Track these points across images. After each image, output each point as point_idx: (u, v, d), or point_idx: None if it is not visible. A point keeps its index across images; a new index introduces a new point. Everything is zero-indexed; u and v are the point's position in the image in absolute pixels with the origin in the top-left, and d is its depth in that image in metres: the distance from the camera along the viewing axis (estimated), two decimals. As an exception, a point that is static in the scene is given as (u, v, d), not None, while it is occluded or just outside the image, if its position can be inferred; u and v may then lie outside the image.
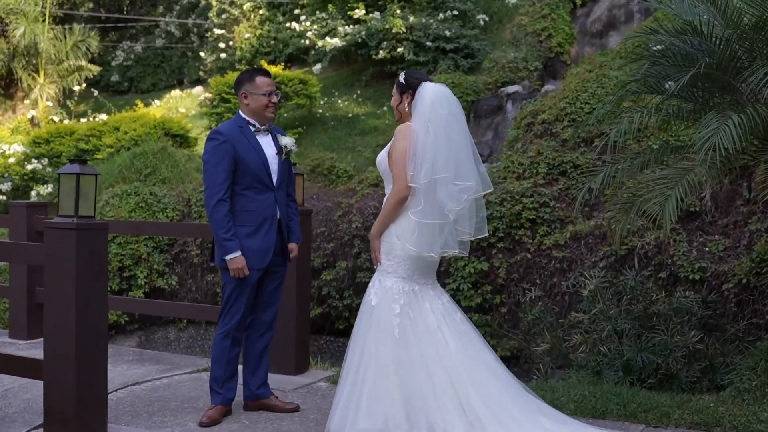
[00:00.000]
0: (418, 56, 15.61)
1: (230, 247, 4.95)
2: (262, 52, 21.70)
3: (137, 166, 12.04)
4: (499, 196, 9.24)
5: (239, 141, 5.03)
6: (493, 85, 14.57)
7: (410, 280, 4.77)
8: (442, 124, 4.72)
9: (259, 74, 5.16)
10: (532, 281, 8.95)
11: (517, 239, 9.08)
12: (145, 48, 28.23)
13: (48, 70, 25.55)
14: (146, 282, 10.71)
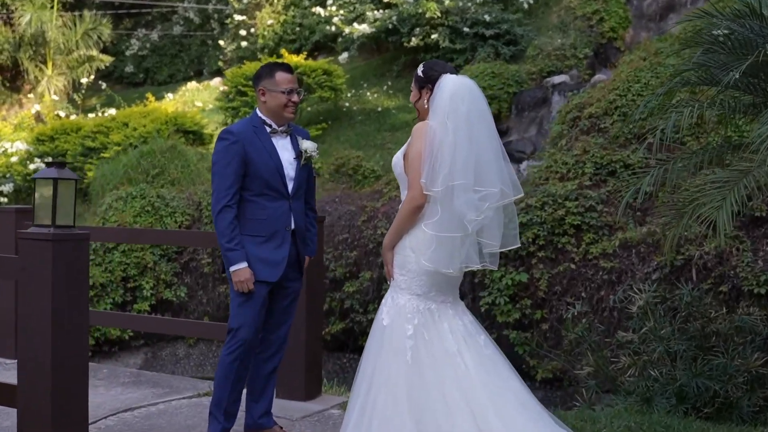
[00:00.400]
0: (454, 43, 15.44)
1: (234, 258, 4.83)
2: (287, 39, 21.67)
3: (144, 166, 12.05)
4: (539, 199, 9.08)
5: (251, 142, 4.88)
6: (537, 74, 14.36)
7: (426, 298, 4.61)
8: (462, 121, 4.54)
9: (280, 69, 4.99)
10: (577, 295, 8.78)
11: (560, 248, 8.92)
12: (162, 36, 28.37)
13: (56, 60, 25.78)
14: (152, 294, 10.70)
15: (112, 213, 10.92)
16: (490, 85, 13.75)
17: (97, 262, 10.46)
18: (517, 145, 13.19)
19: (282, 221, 4.93)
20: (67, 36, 25.47)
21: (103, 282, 10.40)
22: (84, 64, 26.05)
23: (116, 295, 10.51)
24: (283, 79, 4.93)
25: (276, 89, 4.91)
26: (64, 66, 25.81)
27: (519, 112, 13.87)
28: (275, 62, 5.06)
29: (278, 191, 4.91)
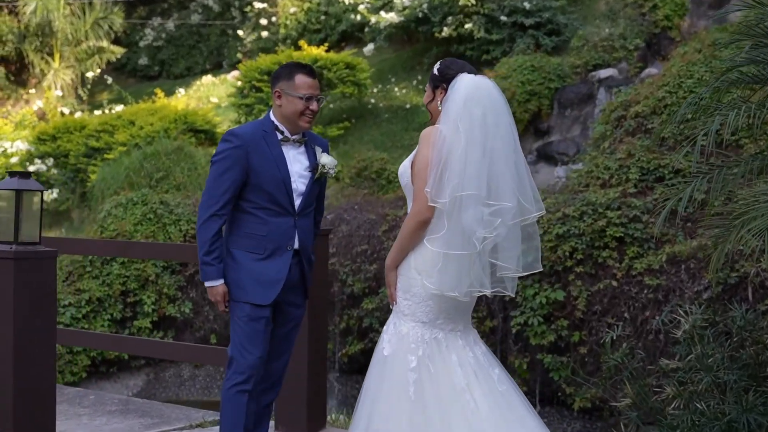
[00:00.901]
0: (490, 33, 15.28)
1: (210, 273, 4.73)
2: (311, 29, 21.62)
3: (147, 169, 12.03)
4: (578, 208, 8.90)
5: (258, 149, 4.72)
6: (582, 68, 14.18)
7: (432, 326, 4.48)
8: (476, 126, 4.40)
9: (301, 72, 4.81)
10: (619, 315, 8.59)
11: (600, 262, 8.74)
12: (179, 26, 28.47)
13: (64, 52, 25.95)
14: (154, 309, 10.66)
15: (111, 221, 10.89)
16: (529, 80, 13.59)
17: (93, 274, 10.44)
18: (559, 146, 13.02)
19: (284, 239, 4.80)
20: (75, 26, 25.63)
21: (101, 296, 10.37)
22: (93, 56, 26.20)
23: (115, 310, 10.47)
24: (303, 84, 4.76)
25: (294, 94, 4.74)
26: (72, 58, 25.97)
27: (561, 110, 13.70)
28: (297, 63, 4.89)
29: (282, 206, 4.76)
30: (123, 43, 28.30)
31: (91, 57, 26.18)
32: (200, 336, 10.97)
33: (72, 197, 15.94)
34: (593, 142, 10.35)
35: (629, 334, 8.38)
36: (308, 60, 14.34)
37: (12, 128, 19.58)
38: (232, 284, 4.75)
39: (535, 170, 13.07)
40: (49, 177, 16.68)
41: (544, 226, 8.95)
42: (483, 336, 9.28)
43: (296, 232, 4.81)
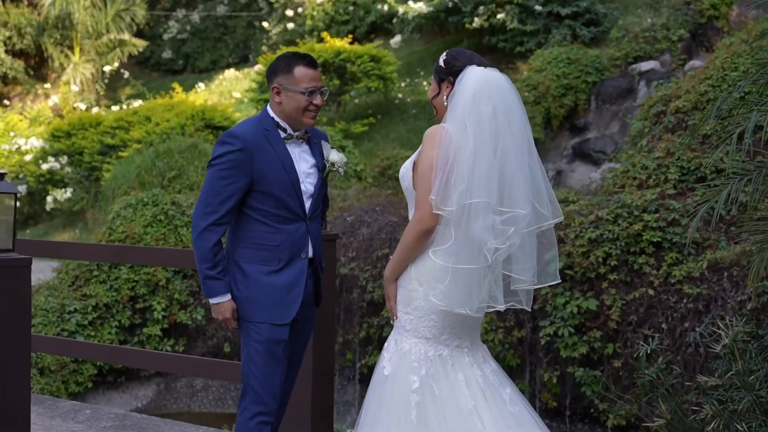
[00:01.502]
0: (524, 24, 15.08)
1: (216, 288, 4.46)
2: (339, 20, 21.49)
3: (160, 168, 11.89)
4: (612, 211, 8.66)
5: (262, 150, 4.47)
6: (622, 60, 13.92)
7: (437, 342, 4.27)
8: (486, 125, 4.17)
9: (301, 63, 4.55)
10: (656, 326, 8.34)
11: (636, 269, 8.50)
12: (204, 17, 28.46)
13: (84, 46, 26.02)
14: (164, 316, 10.53)
15: (120, 222, 10.76)
16: (565, 73, 13.35)
17: (101, 279, 10.32)
18: (596, 143, 12.77)
19: (298, 247, 4.55)
20: (96, 18, 25.68)
21: (108, 302, 10.25)
22: (114, 49, 26.25)
23: (123, 317, 10.34)
24: (304, 76, 4.51)
25: (294, 88, 4.49)
26: (92, 52, 26.04)
27: (599, 105, 13.45)
28: (294, 54, 4.62)
29: (293, 212, 4.52)
30: (146, 35, 28.36)
31: (112, 50, 26.24)
32: (213, 344, 10.84)
33: (86, 197, 15.90)
34: (630, 140, 10.10)
35: (667, 346, 8.13)
36: (331, 53, 14.19)
37: (27, 124, 19.62)
38: (244, 303, 4.48)
39: (571, 169, 12.84)
40: (63, 175, 16.66)
41: (576, 230, 8.72)
42: (510, 347, 9.08)
43: (309, 238, 4.58)
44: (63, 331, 9.84)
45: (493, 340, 9.10)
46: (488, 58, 16.47)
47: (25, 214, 17.71)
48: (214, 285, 4.44)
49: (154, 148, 12.43)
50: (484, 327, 9.11)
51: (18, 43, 26.23)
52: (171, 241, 10.74)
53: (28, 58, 28.24)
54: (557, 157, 13.26)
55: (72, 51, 26.09)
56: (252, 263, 4.48)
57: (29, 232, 17.06)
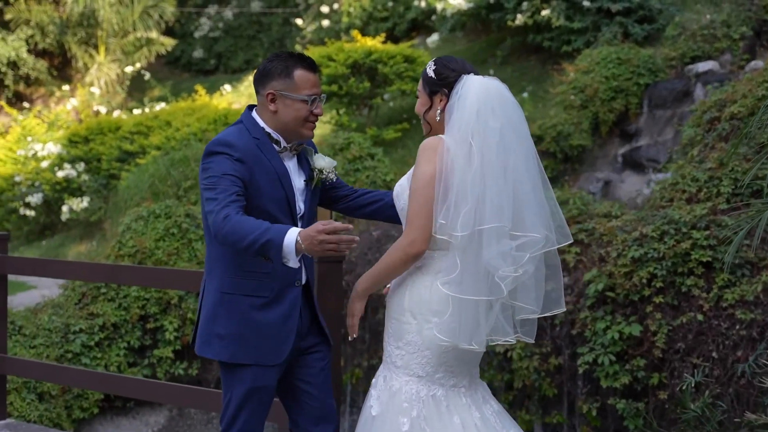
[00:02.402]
0: (571, 21, 14.86)
1: (275, 234, 3.89)
2: (377, 17, 21.38)
3: (175, 177, 11.79)
4: (658, 227, 8.43)
5: (258, 162, 4.22)
6: (678, 61, 13.63)
7: (430, 381, 4.12)
8: (493, 144, 4.03)
9: (300, 66, 4.30)
10: (706, 355, 8.09)
11: (684, 292, 8.27)
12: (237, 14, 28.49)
13: (109, 44, 26.12)
14: (177, 337, 10.43)
15: (130, 236, 10.68)
16: (614, 75, 13.11)
17: (109, 296, 10.24)
18: (648, 151, 12.50)
19: (291, 273, 4.28)
20: (122, 15, 25.78)
21: (116, 322, 10.16)
22: (141, 48, 26.33)
23: (132, 337, 10.25)
24: (305, 81, 4.28)
25: (294, 96, 4.25)
26: (118, 51, 26.14)
27: (652, 110, 13.19)
28: (291, 54, 4.37)
29: None
30: (176, 34, 28.45)
31: (139, 49, 26.33)
32: (229, 367, 10.70)
33: (104, 206, 15.89)
34: (681, 149, 9.84)
35: (717, 377, 7.88)
36: (361, 53, 14.05)
37: (45, 129, 19.69)
38: (229, 342, 4.22)
39: (620, 180, 12.58)
40: (81, 183, 16.67)
41: (618, 248, 8.49)
42: (546, 376, 8.87)
43: (302, 262, 4.26)
44: (67, 353, 9.77)
45: (527, 368, 8.91)
46: (533, 58, 16.33)
47: (41, 225, 17.76)
48: (272, 233, 3.89)
49: (170, 156, 12.35)
50: (517, 353, 8.92)
51: (41, 43, 26.40)
52: (184, 256, 10.65)
53: (52, 57, 28.45)
54: (605, 167, 13.00)
55: (97, 50, 26.21)
56: (238, 294, 4.24)
57: (45, 243, 17.11)
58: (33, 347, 9.54)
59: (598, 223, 9.07)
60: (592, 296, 8.48)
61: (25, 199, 17.46)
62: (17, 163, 18.29)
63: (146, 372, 10.27)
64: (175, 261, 10.55)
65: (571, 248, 8.93)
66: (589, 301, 8.51)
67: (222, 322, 4.22)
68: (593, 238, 8.96)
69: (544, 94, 14.75)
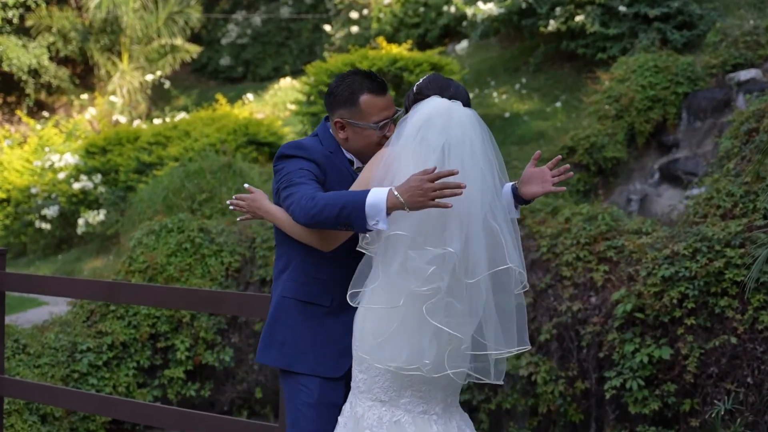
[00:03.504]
0: (607, 27, 14.79)
1: (357, 198, 3.93)
2: (408, 23, 21.40)
3: (189, 190, 11.79)
4: (690, 245, 8.29)
5: (333, 168, 4.31)
6: (719, 68, 13.50)
7: (394, 406, 4.09)
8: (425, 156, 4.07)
9: (366, 91, 4.28)
10: (741, 380, 7.95)
11: (718, 313, 8.13)
12: (266, 20, 28.59)
13: (133, 52, 26.30)
14: (189, 357, 10.39)
15: (141, 251, 10.66)
16: (651, 84, 12.98)
17: (118, 314, 10.22)
18: (686, 164, 12.37)
19: (347, 284, 4.27)
20: (146, 21, 25.97)
21: (126, 340, 10.13)
22: (166, 55, 26.49)
23: (142, 357, 10.22)
24: (372, 107, 4.28)
25: (363, 124, 4.27)
26: (141, 58, 26.32)
27: (691, 120, 13.07)
28: (355, 76, 4.34)
29: (354, 238, 4.29)
30: (202, 40, 28.60)
31: (164, 57, 26.48)
32: (243, 390, 10.69)
33: (121, 220, 15.93)
34: (717, 161, 9.70)
35: (752, 404, 7.73)
36: (386, 61, 14.02)
37: (63, 139, 19.82)
38: (287, 349, 4.28)
39: (657, 194, 12.46)
40: (97, 195, 16.74)
41: (648, 267, 8.37)
42: (573, 401, 8.76)
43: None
44: (73, 372, 9.74)
45: (552, 392, 8.81)
46: (566, 66, 16.24)
47: (57, 238, 17.86)
48: (357, 195, 3.95)
49: (185, 168, 12.37)
50: (542, 377, 8.81)
51: (63, 50, 26.64)
52: (197, 272, 10.62)
53: (74, 65, 28.69)
54: (642, 180, 12.88)
55: (120, 58, 26.38)
56: (299, 300, 4.31)
57: (61, 258, 17.19)
58: (38, 366, 9.52)
59: (628, 240, 8.96)
60: (620, 317, 8.37)
61: (41, 211, 17.57)
62: (34, 175, 18.43)
63: (156, 393, 10.24)
64: (188, 277, 10.53)
65: (599, 266, 8.83)
66: (617, 322, 8.40)
67: (281, 328, 4.31)
68: (622, 256, 8.85)
69: (578, 104, 14.67)
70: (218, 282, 10.62)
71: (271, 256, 10.57)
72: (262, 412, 10.71)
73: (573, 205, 10.34)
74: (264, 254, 10.66)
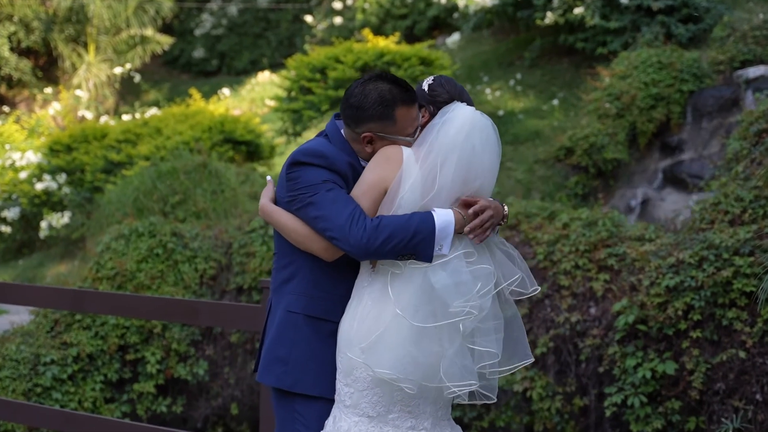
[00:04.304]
0: (607, 20, 14.88)
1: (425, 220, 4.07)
2: (395, 15, 21.47)
3: (161, 191, 11.79)
4: (696, 252, 8.35)
5: (354, 182, 4.31)
6: (726, 65, 13.60)
7: (382, 422, 4.14)
8: (461, 172, 4.18)
9: (401, 103, 4.25)
10: (749, 397, 7.99)
11: (725, 325, 8.20)
12: (243, 10, 28.59)
13: (100, 43, 26.26)
14: (160, 370, 10.40)
15: (110, 256, 10.65)
16: (655, 80, 13.05)
17: (84, 324, 10.20)
18: (691, 166, 12.44)
19: None
20: (114, 10, 25.92)
21: (92, 352, 10.11)
22: (135, 47, 26.47)
23: (110, 370, 10.20)
24: (408, 119, 4.27)
25: (397, 138, 4.27)
26: (109, 50, 26.28)
27: (697, 120, 13.15)
28: (382, 83, 4.29)
29: None
30: (174, 31, 28.57)
31: (133, 48, 26.46)
32: (218, 405, 10.69)
33: (87, 223, 15.91)
34: (725, 164, 9.76)
35: (762, 422, 7.78)
36: (372, 54, 14.05)
37: (25, 135, 19.78)
38: (291, 367, 4.28)
39: (660, 197, 12.53)
40: (62, 197, 16.70)
41: (651, 276, 8.41)
42: (571, 418, 8.81)
43: None
44: (36, 386, 9.72)
45: (549, 409, 8.84)
46: (565, 60, 16.32)
47: (18, 242, 17.81)
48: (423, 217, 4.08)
49: (156, 168, 12.37)
50: (538, 393, 8.84)
51: (24, 40, 26.57)
52: (170, 279, 10.63)
53: (37, 57, 28.62)
54: (644, 183, 12.95)
55: (86, 49, 26.34)
56: (308, 315, 4.31)
57: (22, 263, 17.15)
58: (-3, 380, 9.51)
59: (630, 248, 9.00)
60: (621, 329, 8.41)
61: (1, 213, 17.52)
62: (-7, 174, 18.39)
63: (125, 409, 10.23)
64: (159, 285, 10.53)
65: (599, 275, 8.87)
66: (619, 335, 8.44)
67: (287, 345, 4.29)
68: (624, 264, 8.89)
69: (576, 101, 14.73)
70: (192, 290, 10.63)
71: (249, 263, 10.57)
72: (238, 429, 10.72)
73: (571, 209, 10.39)
74: (241, 261, 10.66)
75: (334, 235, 4.07)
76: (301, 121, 14.39)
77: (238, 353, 10.61)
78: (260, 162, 15.10)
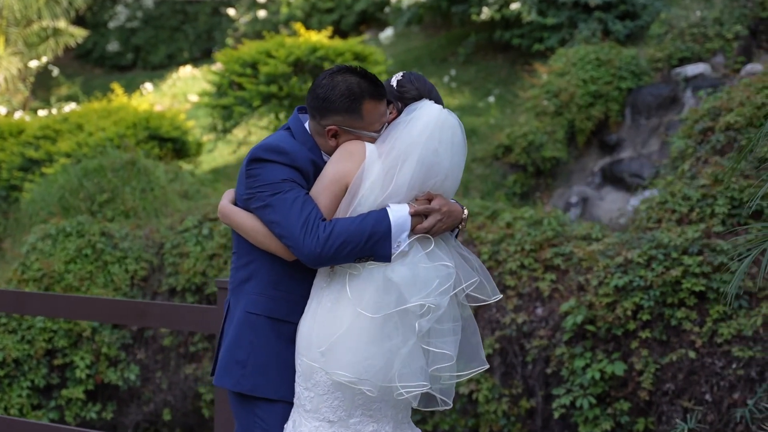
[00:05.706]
0: (544, 16, 15.02)
1: (381, 217, 4.13)
2: (321, 8, 21.49)
3: (88, 190, 11.71)
4: (644, 252, 8.52)
5: (315, 178, 4.31)
6: (664, 63, 13.78)
7: (343, 427, 4.19)
8: (423, 170, 4.25)
9: (369, 97, 4.25)
10: (698, 398, 8.20)
11: (674, 326, 8.39)
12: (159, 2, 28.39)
13: (10, 35, 25.89)
14: (89, 375, 10.34)
15: (36, 257, 10.57)
16: (593, 78, 13.21)
17: (10, 328, 10.12)
18: (631, 165, 12.61)
19: None
20: (25, 1, 25.56)
21: (19, 357, 10.03)
22: (47, 39, 26.12)
23: (37, 375, 10.13)
24: (375, 115, 4.29)
25: (364, 133, 4.29)
26: (20, 42, 25.92)
27: (635, 118, 13.31)
28: (350, 75, 4.28)
29: None
30: (87, 24, 28.25)
31: (45, 41, 26.11)
32: (150, 411, 10.67)
33: (4, 223, 15.70)
34: (670, 163, 9.95)
35: (711, 423, 7.98)
36: (305, 49, 14.08)
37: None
38: (250, 371, 4.27)
39: (599, 197, 12.69)
40: (-31, 203, 16.48)
41: (599, 275, 8.56)
42: (517, 421, 8.92)
43: None
44: (-41, 393, 9.66)
45: (495, 412, 8.95)
46: (500, 57, 16.48)
47: (-73, 244, 17.51)
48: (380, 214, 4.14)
49: (82, 165, 12.27)
50: (484, 395, 8.95)
51: (-75, 31, 26.12)
52: (99, 281, 10.58)
53: (-60, 49, 28.15)
54: (582, 182, 13.11)
55: (-6, 42, 25.97)
56: (266, 317, 4.30)
57: (-68, 266, 16.88)
58: None
59: (577, 247, 9.14)
60: (569, 330, 8.54)
61: None
62: None
63: (53, 415, 10.17)
64: (89, 286, 10.48)
65: (545, 275, 9.00)
66: (566, 336, 8.57)
67: (245, 347, 4.28)
68: (571, 264, 9.03)
69: (512, 98, 14.87)
70: (122, 292, 10.59)
71: (182, 264, 10.56)
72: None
73: (513, 208, 10.50)
74: (174, 261, 10.64)
75: (289, 243, 4.12)
76: (231, 117, 14.34)
77: (171, 357, 10.59)
78: (187, 159, 15.03)
